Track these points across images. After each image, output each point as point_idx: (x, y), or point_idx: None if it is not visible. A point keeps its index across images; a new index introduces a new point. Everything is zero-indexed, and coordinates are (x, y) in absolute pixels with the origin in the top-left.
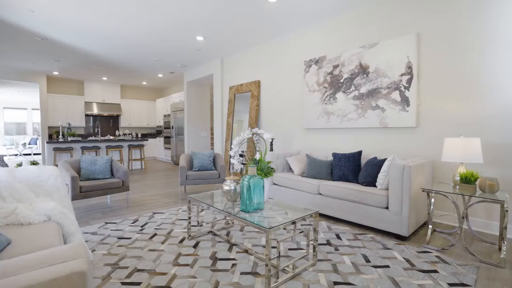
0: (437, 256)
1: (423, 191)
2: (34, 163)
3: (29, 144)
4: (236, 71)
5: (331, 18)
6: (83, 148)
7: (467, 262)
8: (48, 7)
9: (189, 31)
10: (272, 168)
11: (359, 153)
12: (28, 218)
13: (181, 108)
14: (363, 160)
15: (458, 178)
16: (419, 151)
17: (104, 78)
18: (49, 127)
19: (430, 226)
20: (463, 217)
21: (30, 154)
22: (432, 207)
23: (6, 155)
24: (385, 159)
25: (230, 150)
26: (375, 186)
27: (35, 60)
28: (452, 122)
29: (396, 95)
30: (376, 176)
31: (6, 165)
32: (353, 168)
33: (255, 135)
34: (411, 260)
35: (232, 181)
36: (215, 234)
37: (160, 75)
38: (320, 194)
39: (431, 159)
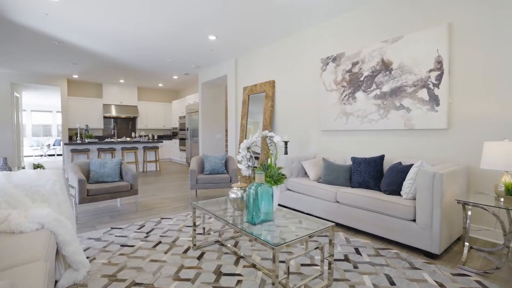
0: (477, 281)
1: (458, 202)
2: (37, 166)
3: (53, 145)
4: (250, 71)
5: (349, 12)
6: (99, 150)
7: None
8: (60, 10)
9: (201, 31)
10: (283, 175)
11: (381, 157)
12: (19, 226)
13: (196, 109)
14: (386, 166)
15: (502, 189)
16: (451, 156)
17: (121, 81)
18: (69, 129)
19: (467, 244)
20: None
21: (54, 155)
22: (468, 221)
23: (32, 156)
24: (411, 165)
25: (238, 154)
26: (399, 195)
27: (54, 64)
28: (492, 124)
29: (423, 94)
30: (401, 184)
31: (10, 169)
32: (374, 174)
33: (268, 138)
34: (445, 284)
35: (239, 188)
36: (222, 244)
37: (175, 77)
38: (338, 202)
39: (465, 165)
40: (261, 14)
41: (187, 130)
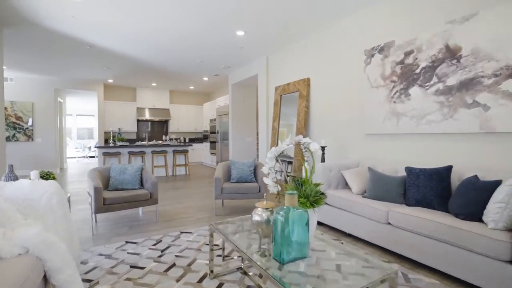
0: None
1: None
2: (45, 174)
3: (94, 147)
4: (282, 69)
5: None
6: (129, 153)
7: None
8: (85, 11)
9: (228, 26)
10: (322, 194)
11: (448, 169)
12: None
13: (226, 112)
14: (455, 180)
15: None
16: None
17: (154, 84)
18: (105, 132)
19: None
20: None
21: (94, 157)
22: None
23: (75, 157)
24: (497, 182)
25: (265, 165)
26: (481, 221)
27: (90, 69)
28: None
29: (509, 85)
30: (483, 207)
31: (16, 177)
32: (438, 190)
33: (302, 145)
34: None
35: (264, 209)
36: (245, 273)
37: (205, 79)
38: (390, 224)
39: None
40: (295, 3)
41: (218, 133)
